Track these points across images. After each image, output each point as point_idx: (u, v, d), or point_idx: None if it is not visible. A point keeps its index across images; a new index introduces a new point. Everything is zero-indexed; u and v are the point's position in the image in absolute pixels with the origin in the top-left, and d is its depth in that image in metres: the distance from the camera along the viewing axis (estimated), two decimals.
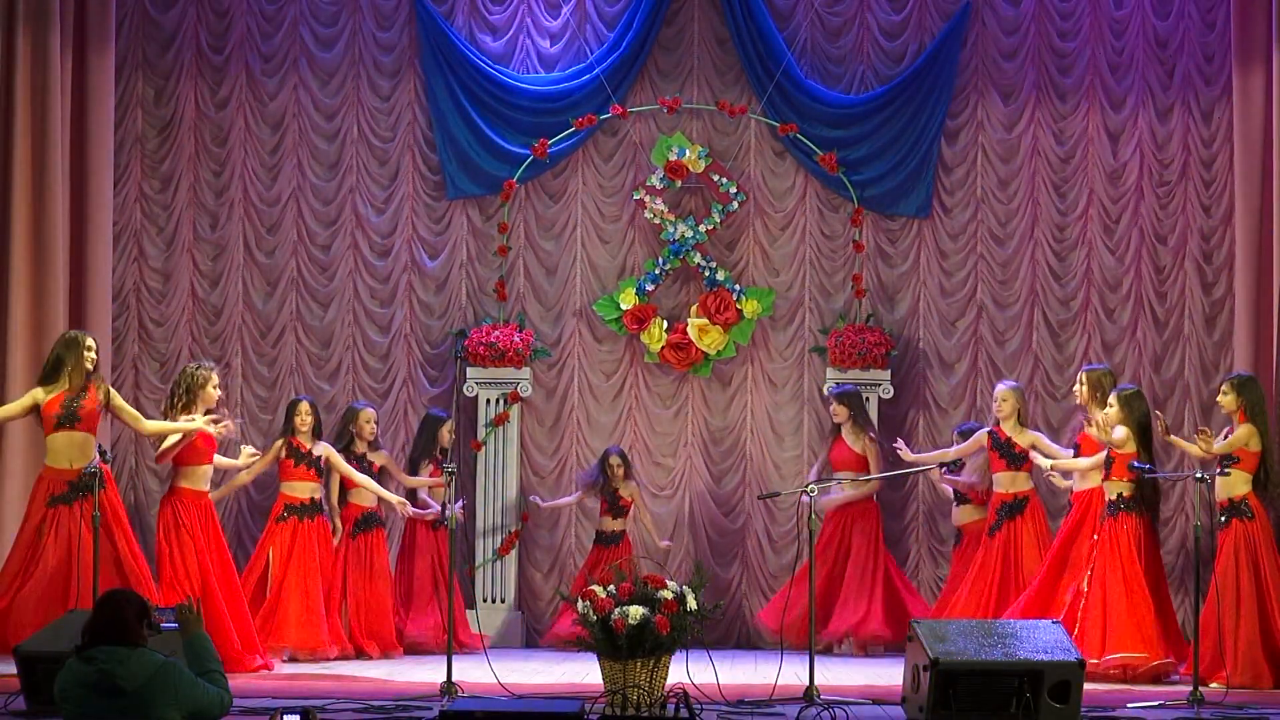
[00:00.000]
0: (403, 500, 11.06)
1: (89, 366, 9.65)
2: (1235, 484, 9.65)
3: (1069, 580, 10.00)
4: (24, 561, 9.48)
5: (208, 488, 10.13)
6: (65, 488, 9.50)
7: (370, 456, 11.20)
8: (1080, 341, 12.18)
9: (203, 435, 9.99)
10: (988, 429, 11.03)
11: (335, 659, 10.56)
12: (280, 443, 10.89)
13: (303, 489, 10.79)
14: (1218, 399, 10.01)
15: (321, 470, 10.86)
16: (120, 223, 12.17)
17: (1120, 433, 9.83)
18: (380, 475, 11.24)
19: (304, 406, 10.89)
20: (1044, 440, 10.91)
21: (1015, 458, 10.87)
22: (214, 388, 10.07)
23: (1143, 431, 9.83)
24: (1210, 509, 9.85)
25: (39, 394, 9.66)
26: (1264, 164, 11.50)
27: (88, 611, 6.88)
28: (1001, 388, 11.05)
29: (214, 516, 10.13)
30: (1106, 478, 9.92)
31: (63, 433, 9.55)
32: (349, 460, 11.07)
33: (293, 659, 10.45)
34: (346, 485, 11.12)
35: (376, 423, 11.27)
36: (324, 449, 10.90)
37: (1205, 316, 12.12)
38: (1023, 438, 10.86)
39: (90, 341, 9.74)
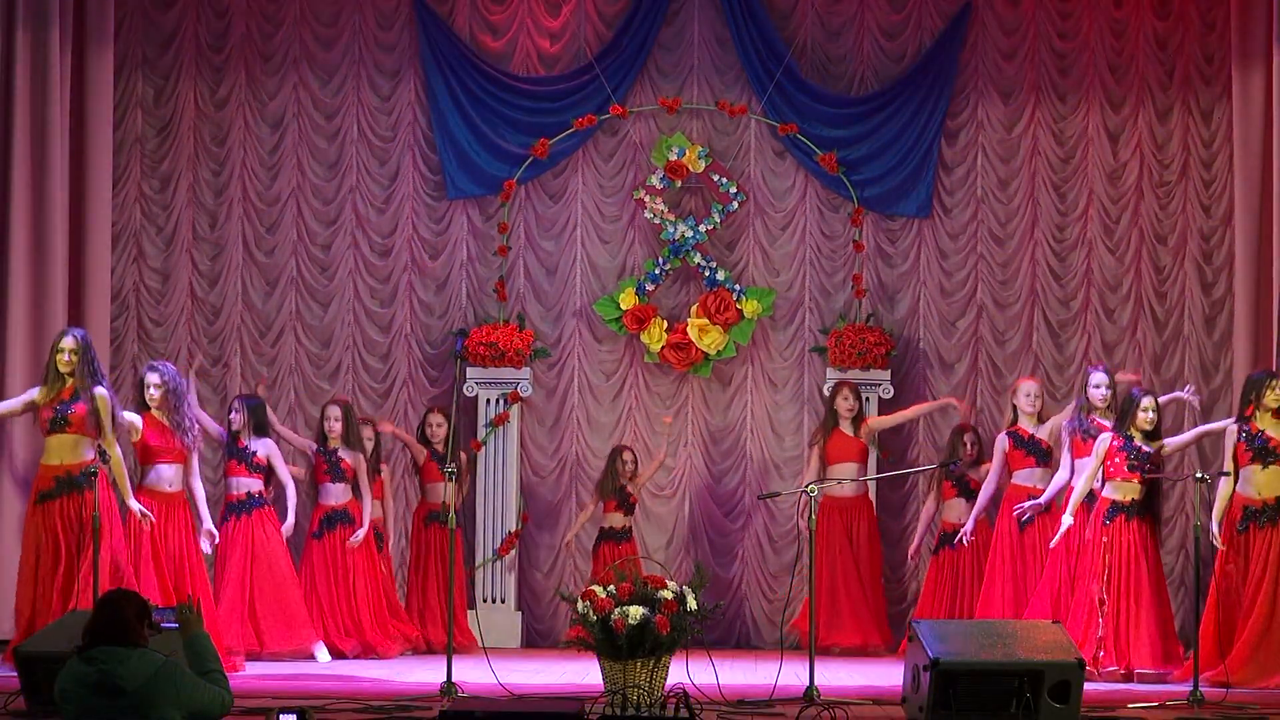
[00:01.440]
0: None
1: (61, 369, 9.55)
2: (1277, 484, 9.60)
3: (1080, 581, 9.96)
4: (31, 563, 9.51)
5: (168, 488, 10.04)
6: (52, 484, 9.50)
7: (341, 454, 11.12)
8: (1080, 341, 12.18)
9: (151, 433, 9.97)
10: (1005, 433, 10.94)
11: (287, 658, 10.54)
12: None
13: (238, 485, 10.77)
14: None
15: (256, 467, 10.78)
16: (120, 223, 12.16)
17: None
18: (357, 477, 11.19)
19: (235, 404, 10.90)
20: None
21: (1043, 453, 10.80)
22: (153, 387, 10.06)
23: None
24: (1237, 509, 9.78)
25: (37, 396, 9.65)
26: (1264, 164, 11.48)
27: (87, 612, 6.88)
28: (1033, 386, 10.95)
29: (175, 515, 10.01)
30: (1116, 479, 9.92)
31: (55, 436, 9.55)
32: (320, 455, 11.05)
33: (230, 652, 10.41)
34: (316, 482, 11.15)
35: (340, 419, 11.07)
36: (265, 447, 10.84)
37: (1205, 316, 12.12)
38: (1041, 431, 10.81)
39: (64, 343, 9.57)
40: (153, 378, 10.10)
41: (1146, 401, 9.97)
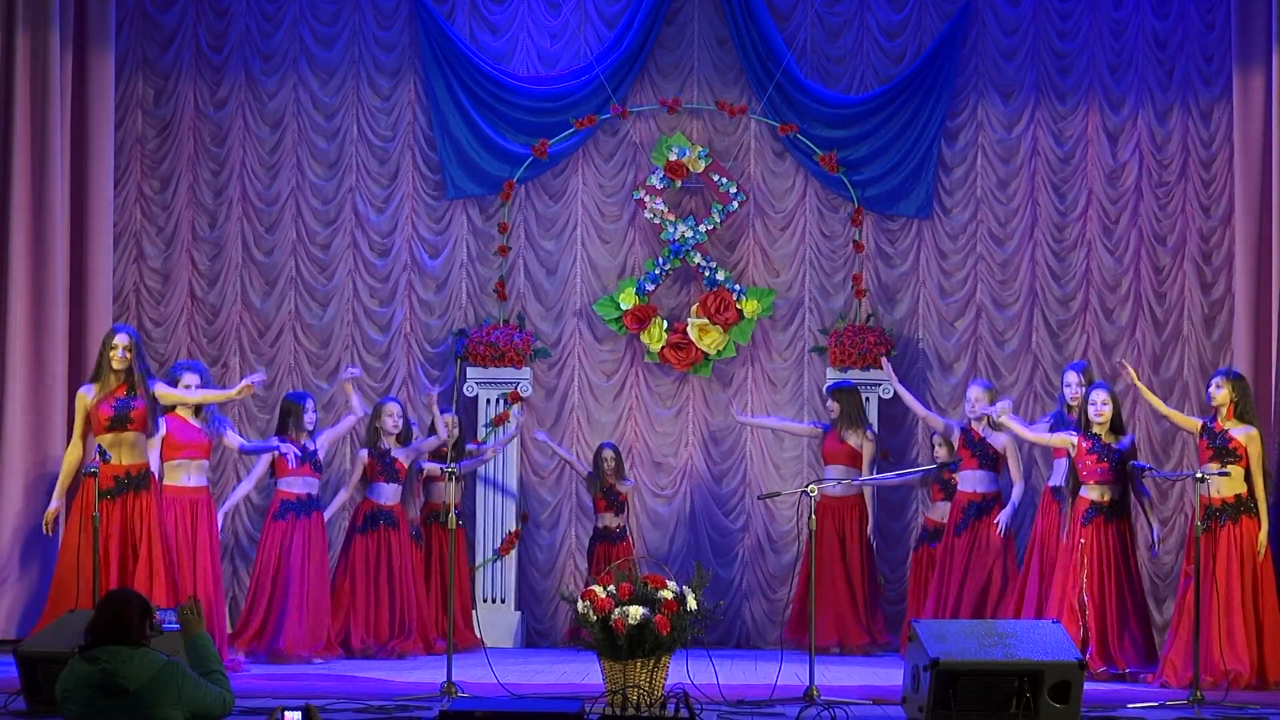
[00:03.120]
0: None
1: (116, 365, 9.54)
2: (1237, 482, 9.60)
3: (1058, 583, 9.94)
4: (73, 563, 9.48)
5: (190, 482, 10.00)
6: (112, 483, 9.45)
7: (394, 453, 11.15)
8: (1080, 341, 12.18)
9: (176, 431, 9.96)
10: (960, 426, 11.04)
11: (335, 658, 10.55)
12: (275, 442, 10.88)
13: (298, 485, 10.76)
14: (1209, 389, 9.87)
15: (318, 466, 10.83)
16: (120, 223, 12.16)
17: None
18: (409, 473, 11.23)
19: (311, 405, 10.88)
20: (1018, 428, 10.65)
21: (988, 458, 10.85)
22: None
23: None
24: (1206, 509, 9.76)
25: (85, 397, 9.58)
26: (1264, 164, 11.48)
27: (88, 612, 6.88)
28: (974, 388, 11.03)
29: (197, 512, 9.95)
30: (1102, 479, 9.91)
31: (113, 434, 9.48)
32: (373, 456, 11.06)
33: (297, 657, 10.43)
34: (368, 479, 11.14)
35: (404, 416, 11.21)
36: (319, 440, 10.86)
37: (1204, 317, 12.12)
38: (995, 438, 10.82)
39: (118, 339, 9.56)
40: (191, 378, 10.04)
41: (1093, 395, 9.97)
